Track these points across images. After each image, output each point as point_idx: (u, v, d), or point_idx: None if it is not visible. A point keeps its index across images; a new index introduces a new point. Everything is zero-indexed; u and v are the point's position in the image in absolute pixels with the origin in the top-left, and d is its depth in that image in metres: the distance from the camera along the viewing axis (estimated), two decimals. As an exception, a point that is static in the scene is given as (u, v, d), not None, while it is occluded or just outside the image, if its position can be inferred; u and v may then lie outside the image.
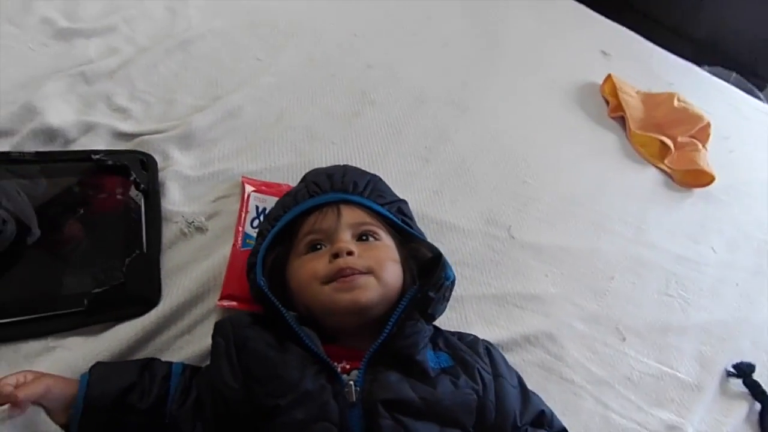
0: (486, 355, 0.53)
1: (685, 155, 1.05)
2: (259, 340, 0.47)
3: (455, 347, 0.52)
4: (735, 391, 0.76)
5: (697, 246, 0.94)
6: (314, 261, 0.51)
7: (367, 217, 0.55)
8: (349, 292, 0.48)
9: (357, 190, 0.57)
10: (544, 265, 0.79)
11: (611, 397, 0.68)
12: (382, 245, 0.54)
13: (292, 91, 0.85)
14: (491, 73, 1.09)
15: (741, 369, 0.77)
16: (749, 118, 1.31)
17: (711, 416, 0.72)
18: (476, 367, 0.49)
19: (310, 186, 0.57)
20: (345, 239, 0.51)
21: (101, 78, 0.72)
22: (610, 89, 1.14)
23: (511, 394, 0.51)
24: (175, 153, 0.69)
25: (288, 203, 0.56)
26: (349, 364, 0.47)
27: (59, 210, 0.58)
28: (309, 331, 0.48)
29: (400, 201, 0.61)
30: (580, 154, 1.00)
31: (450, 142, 0.89)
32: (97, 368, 0.47)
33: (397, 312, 0.48)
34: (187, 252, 0.62)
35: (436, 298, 0.50)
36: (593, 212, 0.90)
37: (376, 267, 0.49)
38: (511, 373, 0.54)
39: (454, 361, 0.50)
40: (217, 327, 0.50)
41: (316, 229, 0.53)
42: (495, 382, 0.50)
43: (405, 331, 0.47)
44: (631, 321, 0.78)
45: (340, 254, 0.49)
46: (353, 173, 0.60)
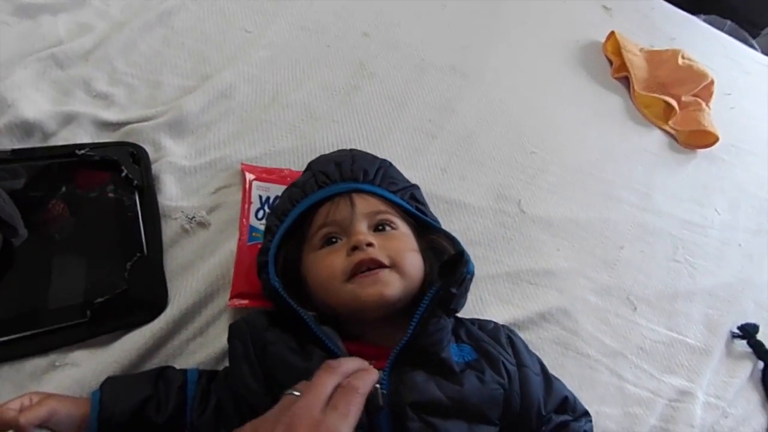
0: (509, 345, 0.51)
1: (689, 115, 1.01)
2: (280, 344, 0.44)
3: (478, 338, 0.50)
4: (740, 351, 0.77)
5: (701, 209, 0.92)
6: (331, 256, 0.47)
7: (381, 204, 0.51)
8: (373, 286, 0.45)
9: (368, 178, 0.53)
10: (555, 238, 0.76)
11: (625, 368, 0.68)
12: (400, 234, 0.51)
13: (285, 65, 0.77)
14: (492, 34, 1.01)
15: (746, 330, 0.78)
16: (749, 71, 1.26)
17: (718, 378, 0.73)
18: (500, 360, 0.47)
19: (318, 176, 0.52)
20: (362, 230, 0.48)
21: (75, 61, 0.63)
22: (613, 47, 1.08)
23: (535, 382, 0.49)
24: (167, 142, 0.63)
25: (296, 195, 0.52)
26: (374, 363, 0.44)
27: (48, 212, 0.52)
28: (330, 331, 0.45)
29: (412, 186, 0.57)
30: (584, 119, 0.95)
31: (455, 114, 0.84)
32: (108, 384, 0.43)
33: (419, 311, 0.45)
34: (190, 250, 0.57)
35: (459, 293, 0.47)
36: (600, 180, 0.87)
37: (397, 258, 0.46)
38: (533, 359, 0.52)
39: (478, 354, 0.48)
40: (232, 330, 0.47)
41: (330, 221, 0.49)
42: (519, 372, 0.49)
43: (428, 329, 0.44)
44: (641, 290, 0.77)
45: (359, 247, 0.46)
46: (362, 160, 0.55)
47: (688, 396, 0.68)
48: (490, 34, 1.01)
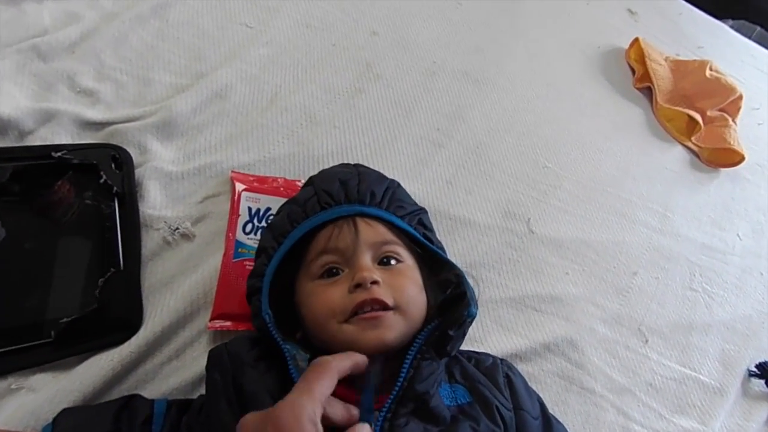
0: (506, 386, 0.45)
1: (713, 131, 0.92)
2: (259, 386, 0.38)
3: (473, 379, 0.44)
4: (757, 392, 0.70)
5: (722, 233, 0.84)
6: (331, 290, 0.42)
7: (388, 233, 0.45)
8: (373, 330, 0.40)
9: (374, 201, 0.47)
10: (565, 261, 0.69)
11: (633, 407, 0.61)
12: (406, 269, 0.45)
13: (287, 65, 0.70)
14: (509, 37, 0.93)
15: (764, 369, 0.70)
16: (780, 85, 1.16)
17: (732, 420, 0.66)
18: (495, 405, 0.42)
19: (321, 196, 0.46)
20: (366, 265, 0.42)
21: (60, 53, 0.57)
22: (636, 55, 0.99)
23: (532, 427, 0.44)
24: (154, 144, 0.57)
25: (296, 216, 0.45)
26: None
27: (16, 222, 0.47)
28: None
29: (420, 211, 0.51)
30: (603, 131, 0.87)
31: (464, 122, 0.76)
32: (63, 417, 0.38)
33: (410, 354, 0.39)
34: (171, 264, 0.51)
35: (456, 335, 0.41)
36: (616, 199, 0.79)
37: (401, 300, 0.41)
38: (533, 400, 0.47)
39: (473, 397, 0.42)
40: (212, 358, 0.41)
41: (331, 248, 0.43)
42: (515, 416, 0.43)
43: (422, 373, 0.39)
44: (654, 320, 0.69)
45: (363, 285, 0.40)
46: (369, 179, 0.49)
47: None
48: (506, 37, 0.93)
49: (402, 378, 0.38)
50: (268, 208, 0.56)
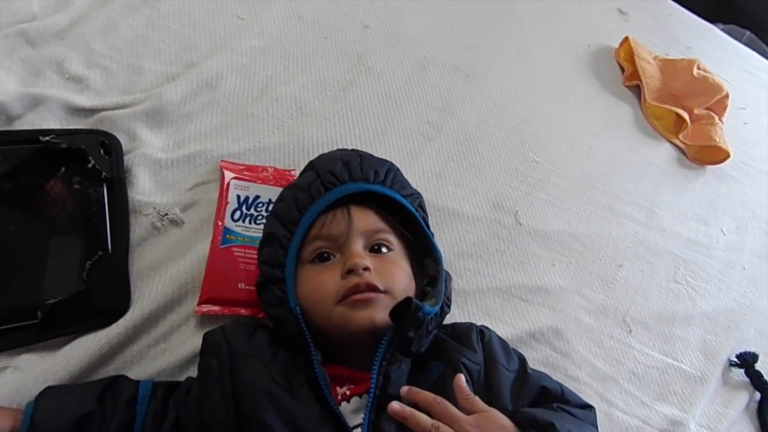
0: (479, 342, 0.46)
1: (700, 129, 0.94)
2: (265, 377, 0.39)
3: (445, 349, 0.45)
4: (737, 381, 0.71)
5: (707, 229, 0.86)
6: (324, 275, 0.43)
7: (380, 221, 0.47)
8: (364, 311, 0.41)
9: (378, 179, 0.48)
10: (552, 253, 0.70)
11: (616, 394, 0.63)
12: (396, 257, 0.46)
13: (278, 56, 0.71)
14: (500, 33, 0.94)
15: (744, 359, 0.72)
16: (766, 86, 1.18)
17: (712, 408, 0.67)
18: (461, 361, 0.43)
19: (324, 176, 0.46)
20: (358, 252, 0.44)
21: (48, 39, 0.57)
22: (626, 54, 1.01)
23: (505, 378, 0.45)
24: (144, 132, 0.57)
25: (302, 201, 0.46)
26: (350, 390, 0.41)
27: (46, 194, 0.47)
28: (327, 377, 0.40)
29: (418, 194, 0.53)
30: (592, 128, 0.89)
31: (454, 116, 0.77)
32: (46, 396, 0.38)
33: (376, 362, 0.40)
34: (160, 249, 0.52)
35: (416, 335, 0.41)
36: (604, 194, 0.81)
37: (391, 286, 0.43)
38: (510, 357, 0.48)
39: (445, 365, 0.43)
40: (208, 342, 0.42)
41: (324, 235, 0.44)
42: (487, 368, 0.44)
43: (392, 378, 0.40)
44: (638, 311, 0.71)
45: (355, 270, 0.42)
46: (370, 160, 0.50)
47: (680, 426, 0.63)
48: (497, 34, 0.94)
49: (373, 386, 0.39)
50: (257, 196, 0.57)
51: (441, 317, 0.46)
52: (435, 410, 0.36)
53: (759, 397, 0.70)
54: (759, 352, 0.73)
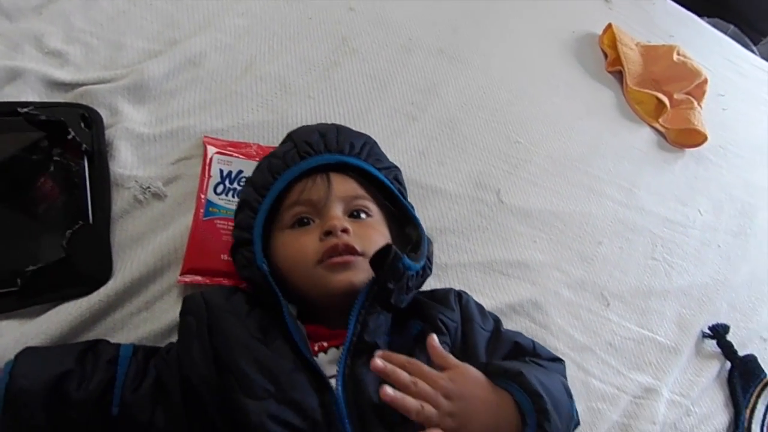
0: (456, 303, 0.48)
1: (679, 113, 0.96)
2: (240, 329, 0.40)
3: (424, 307, 0.46)
4: (708, 351, 0.73)
5: (684, 209, 0.87)
6: (303, 238, 0.44)
7: (359, 188, 0.48)
8: (343, 272, 0.42)
9: (354, 151, 0.49)
10: (533, 230, 0.71)
11: (592, 363, 0.64)
12: (375, 223, 0.47)
13: (262, 35, 0.71)
14: (485, 18, 0.94)
15: (716, 330, 0.74)
16: (746, 75, 1.20)
17: (685, 377, 0.69)
18: (438, 318, 0.44)
19: (300, 146, 0.47)
20: (337, 215, 0.44)
21: (27, 14, 0.57)
22: (609, 40, 1.02)
23: (480, 336, 0.46)
24: (126, 107, 0.57)
25: (276, 167, 0.47)
26: (328, 343, 0.42)
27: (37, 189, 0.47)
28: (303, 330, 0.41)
29: (395, 168, 0.54)
30: (575, 111, 0.90)
31: (438, 98, 0.78)
32: (24, 355, 0.39)
33: (355, 309, 0.41)
34: (142, 222, 0.52)
35: (396, 288, 0.42)
36: (585, 174, 0.82)
37: (369, 249, 0.43)
38: (486, 318, 0.49)
39: (423, 323, 0.45)
40: (187, 304, 0.42)
41: (304, 200, 0.45)
42: (463, 326, 0.46)
43: (369, 326, 0.41)
44: (616, 286, 0.72)
45: (333, 232, 0.42)
46: (347, 132, 0.51)
47: (653, 393, 0.64)
48: (483, 18, 0.94)
49: (350, 332, 0.40)
50: (240, 170, 0.57)
51: (422, 278, 0.46)
52: (409, 370, 0.37)
53: (729, 367, 0.73)
54: (731, 325, 0.75)
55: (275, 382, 0.37)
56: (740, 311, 0.80)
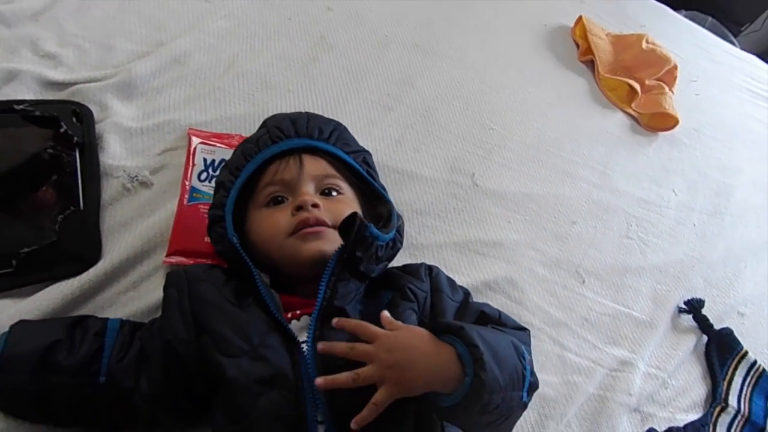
0: (427, 275, 0.50)
1: (651, 98, 0.99)
2: (215, 293, 0.43)
3: (394, 278, 0.49)
4: (685, 326, 0.75)
5: (659, 189, 0.90)
6: (276, 214, 0.47)
7: (330, 168, 0.50)
8: (314, 242, 0.45)
9: (322, 136, 0.52)
10: (507, 211, 0.74)
11: (568, 338, 0.66)
12: (345, 199, 0.50)
13: (244, 36, 0.75)
14: (458, 13, 0.98)
15: (692, 305, 0.76)
16: (719, 61, 1.23)
17: (661, 350, 0.71)
18: (407, 287, 0.47)
19: (272, 131, 0.50)
20: (308, 191, 0.47)
21: (23, 20, 0.61)
22: (580, 32, 1.05)
23: (449, 306, 0.49)
24: (114, 103, 0.60)
25: (249, 151, 0.50)
26: (300, 311, 0.44)
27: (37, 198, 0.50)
28: (276, 297, 0.44)
29: (365, 151, 0.56)
30: (548, 99, 0.92)
31: (414, 88, 0.81)
32: (19, 326, 0.42)
33: (325, 275, 0.43)
34: (130, 208, 0.55)
35: (365, 256, 0.44)
36: (559, 158, 0.84)
37: (339, 222, 0.45)
38: (455, 290, 0.52)
39: (393, 291, 0.47)
40: (169, 278, 0.45)
41: (277, 180, 0.48)
42: (432, 297, 0.48)
43: (338, 292, 0.43)
44: (591, 264, 0.74)
45: (304, 207, 0.45)
46: (317, 119, 0.54)
47: (629, 366, 0.66)
48: (457, 14, 0.98)
49: (320, 297, 0.42)
50: (223, 159, 0.60)
51: (393, 249, 0.49)
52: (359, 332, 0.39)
53: (706, 340, 0.74)
54: (706, 299, 0.77)
55: (248, 341, 0.40)
56: (716, 287, 0.82)
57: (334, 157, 0.51)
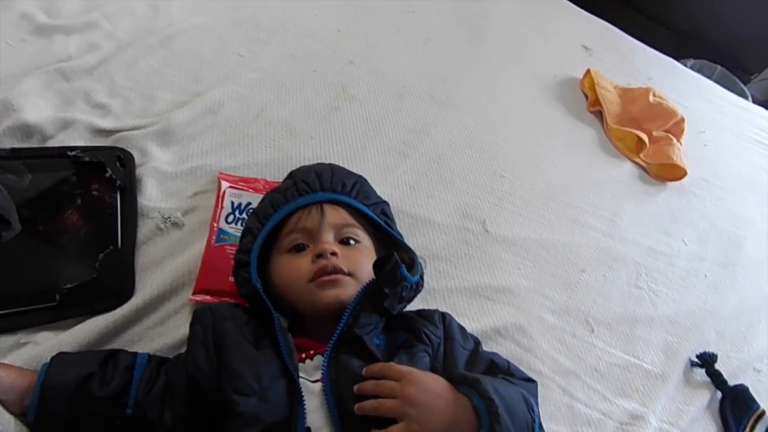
0: (440, 322, 0.53)
1: (659, 149, 1.02)
2: (238, 333, 0.46)
3: (411, 321, 0.52)
4: (698, 380, 0.75)
5: (668, 238, 0.91)
6: (297, 260, 0.51)
7: (350, 218, 0.55)
8: (332, 289, 0.48)
9: (345, 190, 0.56)
10: (517, 258, 0.77)
11: (578, 388, 0.67)
12: (362, 247, 0.54)
13: (272, 87, 0.82)
14: (473, 67, 1.05)
15: (704, 359, 0.76)
16: (726, 113, 1.27)
17: (674, 405, 0.71)
18: (422, 330, 0.50)
19: (299, 184, 0.55)
20: (328, 240, 0.51)
21: (80, 74, 0.68)
22: (589, 84, 1.11)
23: (460, 354, 0.51)
24: (154, 149, 0.66)
25: (277, 201, 0.54)
26: (314, 351, 0.47)
27: (35, 206, 0.56)
28: (291, 342, 0.47)
29: (383, 203, 0.61)
30: (557, 148, 0.97)
31: (428, 137, 0.86)
32: (58, 358, 0.45)
33: (352, 303, 0.47)
34: (162, 247, 0.60)
35: (391, 294, 0.48)
36: (568, 206, 0.88)
37: (355, 270, 0.50)
38: (466, 338, 0.54)
39: (408, 334, 0.50)
40: (196, 315, 0.49)
41: (300, 228, 0.52)
42: (445, 344, 0.51)
43: (360, 321, 0.47)
44: (601, 313, 0.76)
45: (323, 255, 0.49)
46: (341, 173, 0.59)
47: (640, 420, 0.66)
48: (470, 68, 1.05)
49: (342, 323, 0.46)
50: (249, 202, 0.65)
51: (415, 291, 0.53)
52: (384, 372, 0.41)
53: (720, 396, 0.73)
54: (719, 354, 0.77)
55: (259, 382, 0.42)
56: (730, 341, 0.82)
57: (354, 207, 0.56)
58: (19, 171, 0.57)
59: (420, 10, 1.11)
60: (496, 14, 1.19)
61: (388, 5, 1.09)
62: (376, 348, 0.46)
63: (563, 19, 1.31)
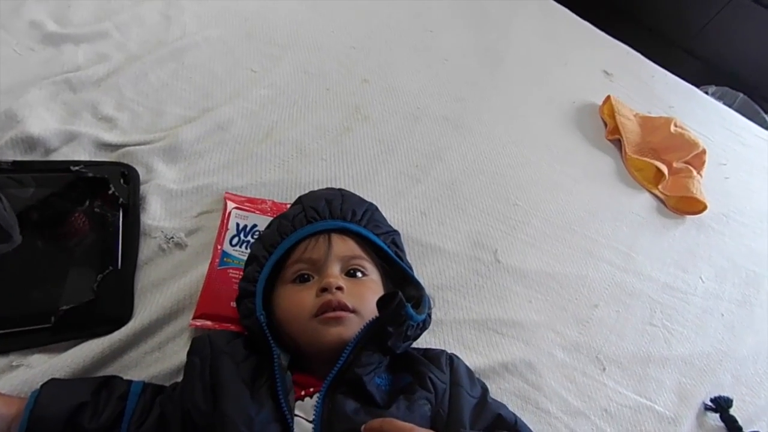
0: (447, 365, 0.51)
1: (679, 181, 1.01)
2: (233, 373, 0.45)
3: (416, 363, 0.50)
4: (711, 425, 0.73)
5: (685, 275, 0.90)
6: (302, 293, 0.50)
7: (358, 249, 0.54)
8: (336, 326, 0.47)
9: (355, 218, 0.56)
10: (529, 290, 0.75)
11: (586, 429, 0.65)
12: (369, 281, 0.53)
13: (284, 104, 0.82)
14: (490, 90, 1.05)
15: (719, 403, 0.74)
16: (749, 145, 1.26)
17: (687, 451, 0.69)
18: (427, 376, 0.48)
19: (308, 211, 0.55)
20: (334, 273, 0.50)
21: (88, 86, 0.69)
22: (608, 111, 1.10)
23: (467, 402, 0.49)
24: (159, 165, 0.66)
25: (285, 229, 0.54)
26: (313, 389, 0.46)
27: (34, 222, 0.55)
28: (289, 381, 0.45)
29: (394, 232, 0.60)
30: (573, 176, 0.96)
31: (441, 161, 0.86)
32: (49, 386, 0.44)
33: (353, 341, 0.46)
34: (164, 268, 0.59)
35: (395, 333, 0.47)
36: (583, 237, 0.87)
37: (361, 307, 0.49)
38: (474, 384, 0.52)
39: (412, 377, 0.49)
40: (194, 344, 0.48)
41: (305, 258, 0.51)
42: (451, 390, 0.49)
43: (361, 360, 0.46)
44: (613, 351, 0.74)
45: (329, 289, 0.48)
46: (351, 200, 0.58)
47: (652, 467, 0.64)
48: (487, 91, 1.04)
49: (342, 360, 0.45)
50: (255, 225, 0.65)
51: (420, 330, 0.51)
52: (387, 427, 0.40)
53: (735, 444, 0.72)
54: (735, 398, 0.75)
55: (250, 428, 0.41)
56: (746, 385, 0.80)
57: (363, 237, 0.55)
58: (21, 184, 0.58)
59: (438, 29, 1.12)
60: (515, 36, 1.20)
61: (406, 23, 1.09)
62: (376, 389, 0.45)
63: (584, 42, 1.31)
